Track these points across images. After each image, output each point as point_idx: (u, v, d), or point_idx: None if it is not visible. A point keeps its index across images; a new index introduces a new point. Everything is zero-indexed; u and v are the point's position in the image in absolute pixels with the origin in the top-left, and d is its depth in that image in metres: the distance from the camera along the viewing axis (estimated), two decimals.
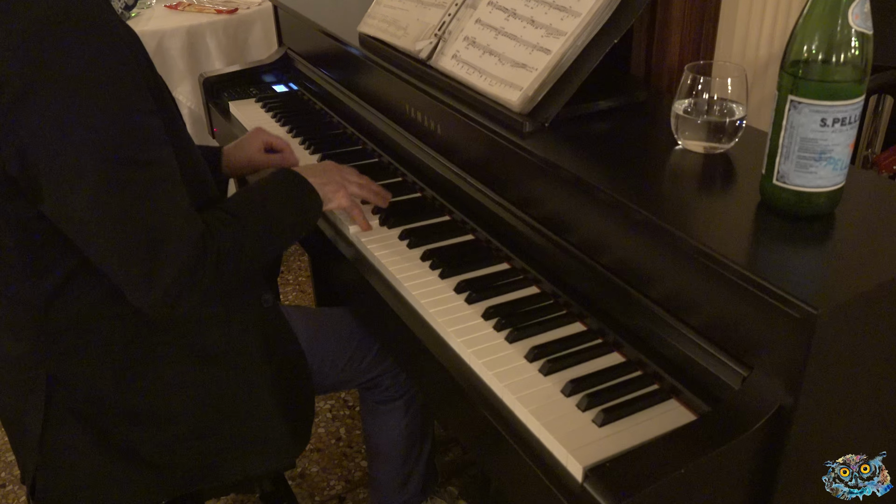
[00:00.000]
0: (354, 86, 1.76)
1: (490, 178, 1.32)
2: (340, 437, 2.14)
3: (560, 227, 1.18)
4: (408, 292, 1.22)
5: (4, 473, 2.09)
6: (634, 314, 1.06)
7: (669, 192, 1.09)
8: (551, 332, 1.12)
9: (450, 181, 1.42)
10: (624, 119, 1.28)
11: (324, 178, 1.30)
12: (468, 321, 1.15)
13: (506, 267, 1.27)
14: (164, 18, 2.61)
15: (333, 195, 1.31)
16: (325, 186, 1.29)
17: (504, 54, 1.31)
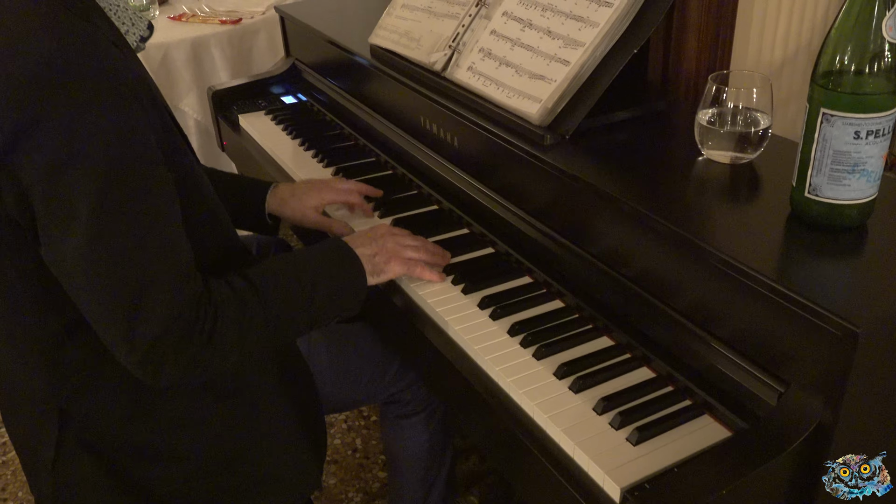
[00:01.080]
0: (366, 97, 1.74)
1: (509, 190, 1.31)
2: (356, 449, 2.13)
3: (583, 238, 1.17)
4: (432, 309, 1.21)
5: (22, 493, 2.08)
6: (662, 327, 1.05)
7: (695, 203, 1.08)
8: (579, 348, 1.10)
9: (467, 193, 1.41)
10: (644, 129, 1.27)
11: (375, 247, 1.20)
12: (494, 338, 1.13)
13: (528, 281, 1.25)
14: (169, 30, 2.60)
15: (386, 265, 1.20)
16: (375, 257, 1.19)
17: (521, 66, 1.30)
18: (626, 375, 1.05)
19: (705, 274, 0.97)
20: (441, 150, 1.48)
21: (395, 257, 1.21)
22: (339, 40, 1.78)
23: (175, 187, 0.97)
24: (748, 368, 0.94)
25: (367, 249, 1.18)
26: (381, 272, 1.20)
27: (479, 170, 1.38)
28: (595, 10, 1.23)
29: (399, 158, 1.62)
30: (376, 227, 1.26)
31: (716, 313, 0.98)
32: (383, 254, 1.20)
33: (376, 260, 1.19)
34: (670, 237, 1.00)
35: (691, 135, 1.16)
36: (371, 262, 1.18)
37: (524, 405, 1.03)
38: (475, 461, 2.02)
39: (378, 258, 1.19)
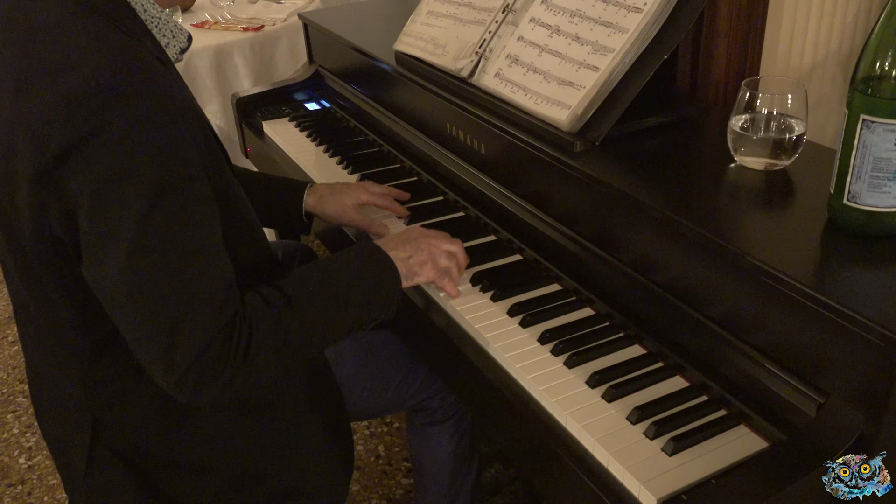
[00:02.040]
0: (390, 103, 1.74)
1: (537, 197, 1.30)
2: (380, 455, 2.12)
3: (613, 245, 1.16)
4: (461, 317, 1.20)
5: (47, 498, 2.09)
6: (695, 336, 1.04)
7: (729, 210, 1.07)
8: (611, 356, 1.09)
9: (494, 200, 1.40)
10: (675, 135, 1.25)
11: (409, 250, 1.18)
12: (524, 346, 1.13)
13: (557, 288, 1.24)
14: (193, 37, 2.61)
15: (420, 269, 1.18)
16: (409, 260, 1.17)
17: (549, 72, 1.29)
18: (660, 384, 1.04)
19: (740, 282, 0.96)
20: (467, 156, 1.47)
21: (429, 262, 1.19)
22: (363, 47, 1.78)
23: (215, 203, 0.97)
24: (786, 378, 0.93)
25: (400, 252, 1.16)
26: (415, 275, 1.18)
27: (506, 176, 1.37)
28: (624, 15, 1.22)
29: (424, 165, 1.62)
30: (409, 230, 1.24)
31: (751, 322, 0.97)
32: (417, 257, 1.18)
33: (410, 263, 1.17)
34: (704, 244, 0.99)
35: (722, 141, 1.15)
36: (405, 266, 1.16)
37: (557, 414, 1.02)
38: (499, 469, 2.00)
39: (412, 261, 1.17)
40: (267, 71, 2.69)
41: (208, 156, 0.98)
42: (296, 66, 2.72)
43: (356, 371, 1.33)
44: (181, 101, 0.93)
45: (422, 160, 1.63)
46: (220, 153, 1.04)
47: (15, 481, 2.15)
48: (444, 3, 1.58)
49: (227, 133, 2.61)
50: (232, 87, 2.54)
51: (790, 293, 0.89)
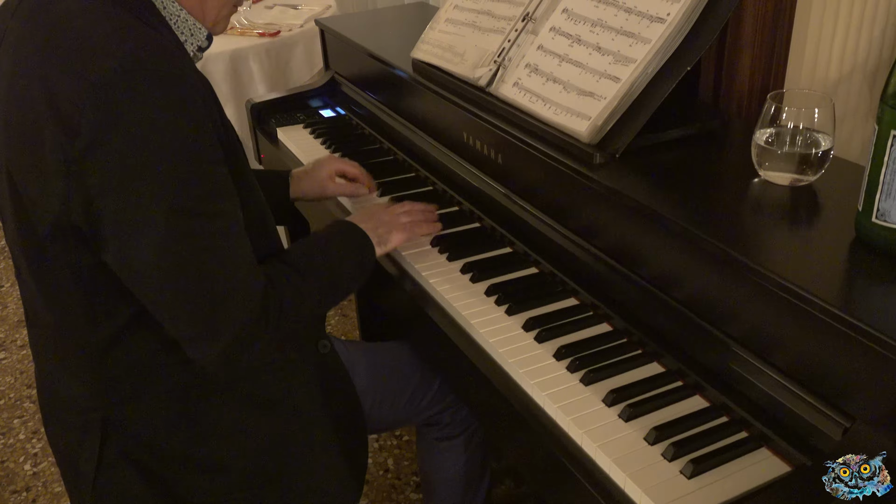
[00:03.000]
0: (406, 111, 1.73)
1: (555, 209, 1.29)
2: (388, 469, 2.11)
3: (632, 260, 1.14)
4: (475, 330, 1.19)
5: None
6: (717, 355, 1.02)
7: (753, 226, 1.05)
8: (628, 374, 1.08)
9: (511, 211, 1.39)
10: (697, 148, 1.24)
11: (374, 221, 1.30)
12: (540, 361, 1.11)
13: (574, 302, 1.23)
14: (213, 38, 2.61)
15: (388, 235, 1.30)
16: (377, 230, 1.28)
17: (569, 82, 1.28)
18: (679, 404, 1.02)
19: (764, 300, 0.94)
20: (484, 166, 1.46)
21: (394, 227, 1.31)
22: (380, 54, 1.77)
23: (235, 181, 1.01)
24: (810, 401, 0.91)
25: (368, 224, 1.28)
26: (387, 242, 1.30)
27: (523, 187, 1.36)
28: (647, 25, 1.21)
29: (440, 174, 1.61)
30: (369, 206, 1.40)
31: (775, 341, 0.95)
32: (383, 226, 1.30)
33: (379, 232, 1.29)
34: (726, 261, 0.97)
35: (746, 155, 1.13)
36: (376, 235, 1.27)
37: (572, 432, 1.00)
38: (510, 486, 1.98)
39: (380, 230, 1.29)
40: (282, 77, 2.70)
41: (224, 136, 1.01)
42: (311, 73, 2.73)
43: (367, 383, 1.33)
44: (202, 87, 0.96)
45: (437, 170, 1.62)
46: (233, 131, 1.07)
47: (20, 488, 2.14)
48: (463, 11, 1.57)
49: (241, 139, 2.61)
50: (247, 93, 2.55)
51: (816, 313, 0.87)
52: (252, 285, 1.00)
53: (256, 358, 1.04)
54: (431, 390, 1.40)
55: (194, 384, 1.12)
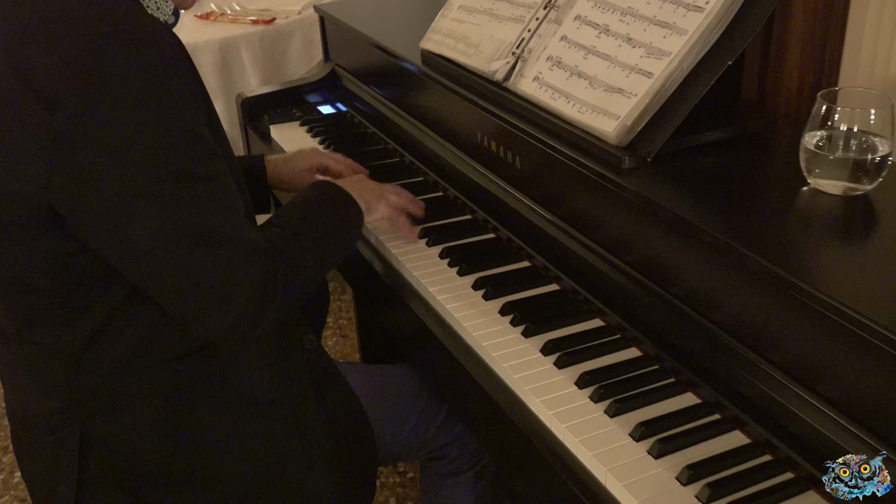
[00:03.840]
0: (414, 109, 1.74)
1: (579, 219, 1.29)
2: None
3: (665, 277, 1.14)
4: (487, 354, 1.19)
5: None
6: (759, 385, 1.01)
7: (801, 240, 1.06)
8: (659, 405, 1.08)
9: (529, 221, 1.39)
10: (738, 152, 1.24)
11: (360, 189, 1.35)
12: (559, 389, 1.11)
13: (599, 324, 1.23)
14: (195, 31, 2.64)
15: (376, 204, 1.37)
16: (364, 196, 1.34)
17: (595, 77, 1.28)
18: (717, 440, 1.02)
19: (814, 325, 0.94)
20: (500, 170, 1.47)
21: (382, 199, 1.39)
22: (386, 44, 1.79)
23: None
24: (865, 438, 0.90)
25: (356, 192, 1.34)
26: (373, 210, 1.37)
27: (543, 194, 1.37)
28: (683, 14, 1.22)
29: (451, 178, 1.61)
30: (351, 177, 1.46)
31: (825, 371, 0.94)
32: (370, 194, 1.37)
33: (367, 199, 1.35)
34: (771, 280, 0.97)
35: (794, 160, 1.13)
36: (363, 201, 1.33)
37: (595, 470, 1.00)
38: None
39: (367, 197, 1.36)
40: (277, 69, 2.72)
41: (203, 102, 1.06)
42: (310, 65, 2.75)
43: (368, 411, 1.33)
44: (178, 49, 1.01)
45: (448, 173, 1.63)
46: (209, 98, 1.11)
47: None
48: None
49: (231, 137, 2.62)
50: (237, 87, 2.56)
51: (872, 339, 0.86)
52: (256, 246, 1.06)
53: (270, 323, 1.09)
54: (437, 420, 1.40)
55: (178, 387, 1.14)
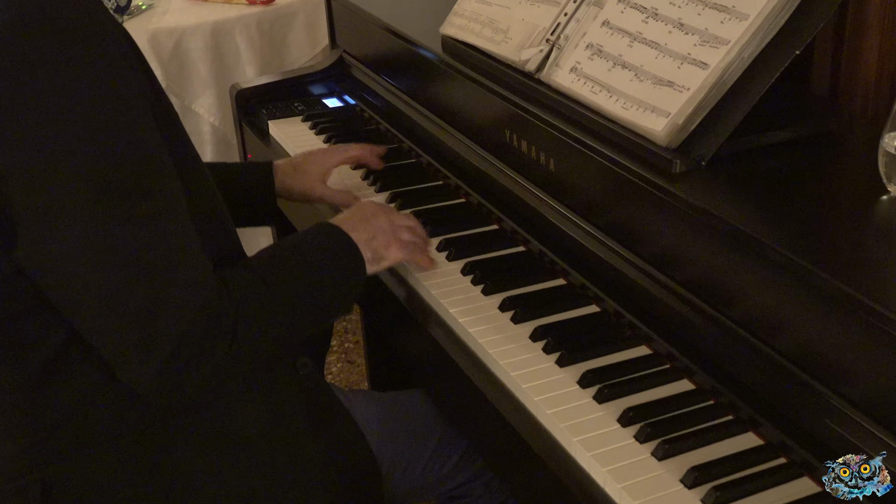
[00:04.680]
0: (433, 103, 1.75)
1: (622, 231, 1.29)
2: None
3: (722, 299, 1.14)
4: (516, 385, 1.18)
5: None
6: (830, 424, 1.00)
7: (879, 259, 1.05)
8: (715, 447, 1.07)
9: (564, 232, 1.39)
10: (807, 155, 1.24)
11: (369, 230, 1.29)
12: (600, 427, 1.10)
13: (645, 352, 1.23)
14: (184, 12, 2.66)
15: (385, 250, 1.30)
16: (372, 241, 1.28)
17: (642, 68, 1.29)
18: (782, 487, 1.01)
19: (892, 354, 0.92)
20: (531, 174, 1.47)
21: (393, 242, 1.31)
22: (402, 29, 1.79)
23: None
24: None
25: (362, 234, 1.27)
26: (382, 258, 1.30)
27: (581, 202, 1.37)
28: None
29: (475, 183, 1.62)
30: (363, 206, 1.37)
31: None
32: (380, 237, 1.30)
33: (374, 245, 1.28)
34: (845, 302, 0.96)
35: (872, 165, 1.13)
36: (370, 248, 1.27)
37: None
38: None
39: (376, 242, 1.29)
40: (277, 56, 2.73)
41: (158, 106, 1.04)
42: (314, 52, 2.76)
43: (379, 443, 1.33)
44: (127, 45, 0.99)
45: (472, 177, 1.63)
46: (168, 103, 1.10)
47: None
48: None
49: (223, 134, 2.64)
50: (231, 77, 2.57)
51: None
52: (200, 285, 1.01)
53: (205, 384, 1.04)
54: (455, 454, 1.40)
55: (150, 422, 1.13)
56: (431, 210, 1.58)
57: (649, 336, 1.23)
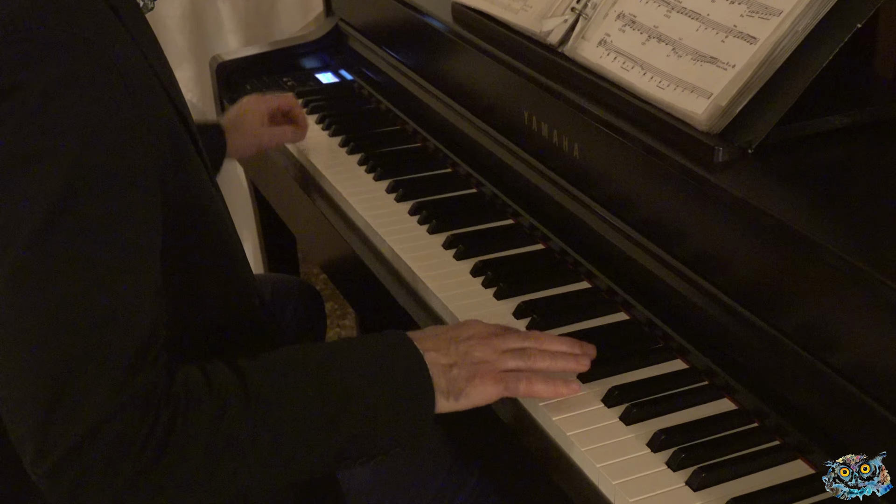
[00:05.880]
0: (441, 79, 1.75)
1: (655, 227, 1.29)
2: None
3: (770, 308, 1.13)
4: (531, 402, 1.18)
5: None
6: None
7: None
8: (760, 476, 1.06)
9: (590, 228, 1.39)
10: (870, 144, 1.25)
11: (454, 355, 1.10)
12: (627, 452, 1.10)
13: (681, 366, 1.23)
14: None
15: (470, 384, 1.09)
16: (453, 369, 1.09)
17: (681, 42, 1.29)
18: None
19: None
20: (553, 162, 1.47)
21: (486, 370, 1.11)
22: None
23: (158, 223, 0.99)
24: None
25: (441, 357, 1.09)
26: (462, 393, 1.09)
27: (609, 194, 1.37)
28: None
29: (488, 171, 1.62)
30: (464, 324, 1.17)
31: None
32: (467, 366, 1.10)
33: (454, 374, 1.09)
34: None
35: None
36: (446, 377, 1.08)
37: None
38: None
39: (457, 371, 1.09)
40: (263, 25, 2.73)
41: (173, 151, 1.01)
42: (306, 20, 2.75)
43: (372, 475, 1.33)
44: (136, 66, 0.96)
45: (485, 165, 1.63)
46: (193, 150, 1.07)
47: None
48: None
49: (202, 111, 2.64)
50: (212, 48, 2.58)
51: None
52: (125, 379, 0.90)
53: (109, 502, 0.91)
54: (467, 486, 1.39)
55: None
56: (438, 201, 1.58)
57: (684, 349, 1.23)
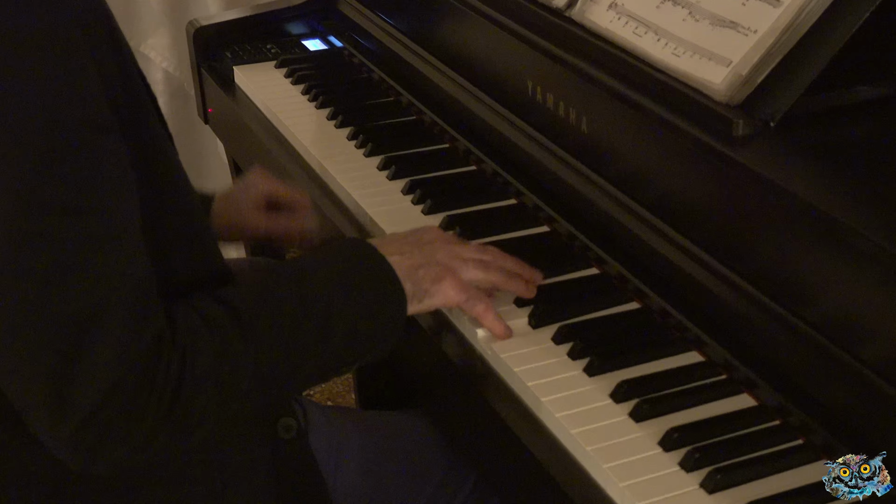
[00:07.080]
0: (439, 47, 1.76)
1: (670, 207, 1.30)
2: None
3: (795, 296, 1.14)
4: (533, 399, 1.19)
5: None
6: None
7: None
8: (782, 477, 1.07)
9: (599, 208, 1.40)
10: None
11: (418, 255, 1.20)
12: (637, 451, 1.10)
13: (697, 358, 1.23)
14: None
15: (435, 286, 1.20)
16: (418, 270, 1.19)
17: (698, 4, 1.30)
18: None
19: None
20: (559, 136, 1.47)
21: (448, 274, 1.21)
22: None
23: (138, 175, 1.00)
24: None
25: (405, 259, 1.19)
26: (426, 294, 1.20)
27: (620, 172, 1.38)
28: None
29: (489, 147, 1.62)
30: (421, 229, 1.29)
31: None
32: (431, 267, 1.20)
33: (420, 275, 1.19)
34: None
35: None
36: (412, 278, 1.18)
37: None
38: None
39: (423, 272, 1.19)
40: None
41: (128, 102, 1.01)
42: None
43: (359, 477, 1.34)
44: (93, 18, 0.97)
45: (485, 139, 1.64)
46: (148, 102, 1.08)
47: None
48: None
49: (179, 82, 2.66)
50: (189, 12, 2.58)
51: None
52: (134, 329, 0.96)
53: (137, 456, 1.00)
54: (462, 490, 1.40)
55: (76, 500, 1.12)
56: (434, 179, 1.58)
57: (701, 340, 1.24)
